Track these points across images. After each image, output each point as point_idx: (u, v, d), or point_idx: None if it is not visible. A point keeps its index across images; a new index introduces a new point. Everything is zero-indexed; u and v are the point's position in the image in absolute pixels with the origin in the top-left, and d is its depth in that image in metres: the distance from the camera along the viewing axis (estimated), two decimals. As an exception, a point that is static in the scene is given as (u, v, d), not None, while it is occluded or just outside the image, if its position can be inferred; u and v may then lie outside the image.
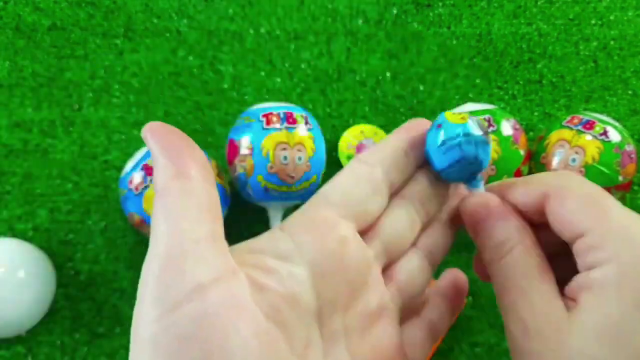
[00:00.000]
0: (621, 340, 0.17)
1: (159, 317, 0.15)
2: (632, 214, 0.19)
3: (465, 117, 0.21)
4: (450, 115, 0.22)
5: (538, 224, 0.22)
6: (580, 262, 0.19)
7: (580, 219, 0.19)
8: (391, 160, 0.22)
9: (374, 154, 0.22)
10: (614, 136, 0.47)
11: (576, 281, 0.19)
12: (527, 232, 0.21)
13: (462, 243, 0.43)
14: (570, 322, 0.18)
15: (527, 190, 0.21)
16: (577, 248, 0.19)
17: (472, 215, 0.22)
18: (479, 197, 0.22)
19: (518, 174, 0.47)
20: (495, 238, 0.21)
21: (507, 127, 0.47)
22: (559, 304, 0.19)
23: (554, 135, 0.49)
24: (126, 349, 0.50)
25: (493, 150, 0.46)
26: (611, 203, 0.19)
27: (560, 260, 0.21)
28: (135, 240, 0.52)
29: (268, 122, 0.47)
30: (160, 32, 0.58)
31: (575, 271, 0.20)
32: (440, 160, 0.22)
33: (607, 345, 0.17)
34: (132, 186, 0.45)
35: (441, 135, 0.21)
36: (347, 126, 0.56)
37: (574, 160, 0.47)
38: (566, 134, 0.48)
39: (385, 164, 0.22)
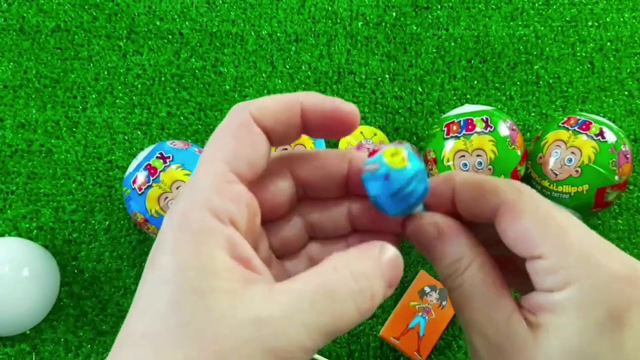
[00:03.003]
0: None
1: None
2: (590, 233, 0.19)
3: (404, 158, 0.20)
4: (390, 158, 0.20)
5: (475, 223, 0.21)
6: (538, 282, 0.19)
7: (537, 241, 0.19)
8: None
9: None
10: (610, 137, 0.47)
11: (536, 299, 0.19)
12: (479, 247, 0.21)
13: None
14: (534, 342, 0.18)
15: (478, 197, 0.20)
16: (534, 268, 0.19)
17: (422, 236, 0.21)
18: (427, 217, 0.21)
19: (515, 174, 0.48)
20: (449, 257, 0.20)
21: (504, 128, 0.48)
22: (520, 322, 0.19)
23: (551, 136, 0.49)
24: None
25: (490, 150, 0.47)
26: (568, 222, 0.19)
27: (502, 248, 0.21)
28: (138, 239, 0.53)
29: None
30: (163, 35, 0.59)
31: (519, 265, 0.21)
32: (392, 207, 0.20)
33: None
34: (136, 186, 0.46)
35: (391, 186, 0.20)
36: (347, 127, 0.56)
37: (570, 160, 0.47)
38: (563, 134, 0.49)
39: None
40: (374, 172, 0.20)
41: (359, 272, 0.18)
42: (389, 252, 0.19)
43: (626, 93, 0.59)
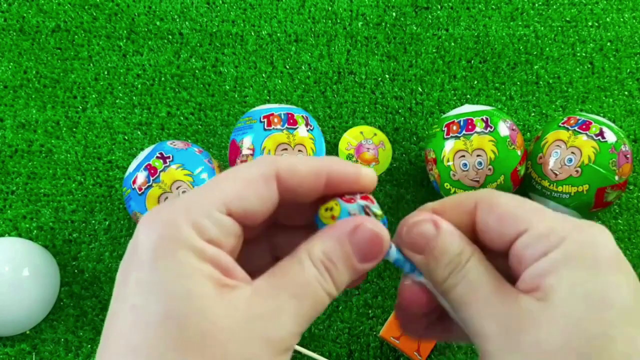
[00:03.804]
0: (604, 302, 0.18)
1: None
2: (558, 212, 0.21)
3: (333, 217, 0.21)
4: (323, 212, 0.21)
5: None
6: (530, 255, 0.19)
7: (521, 216, 0.20)
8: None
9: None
10: (610, 137, 0.47)
11: (533, 272, 0.19)
12: (474, 244, 0.21)
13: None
14: (548, 307, 0.18)
15: (457, 209, 0.22)
16: (523, 242, 0.20)
17: (420, 236, 0.21)
18: (422, 216, 0.22)
19: (515, 174, 0.48)
20: (450, 252, 0.21)
21: (504, 128, 0.48)
22: (528, 297, 0.19)
23: (551, 136, 0.49)
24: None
25: (490, 150, 0.47)
26: (539, 204, 0.20)
27: None
28: (138, 239, 0.53)
29: (269, 124, 0.48)
30: (163, 35, 0.59)
31: None
32: None
33: (592, 308, 0.18)
34: (136, 186, 0.46)
35: None
36: (346, 127, 0.57)
37: (570, 160, 0.47)
38: (563, 134, 0.49)
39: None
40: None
41: (318, 258, 0.20)
42: (362, 229, 0.20)
43: (626, 93, 0.59)
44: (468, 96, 0.58)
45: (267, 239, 0.24)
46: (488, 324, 0.19)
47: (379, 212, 0.21)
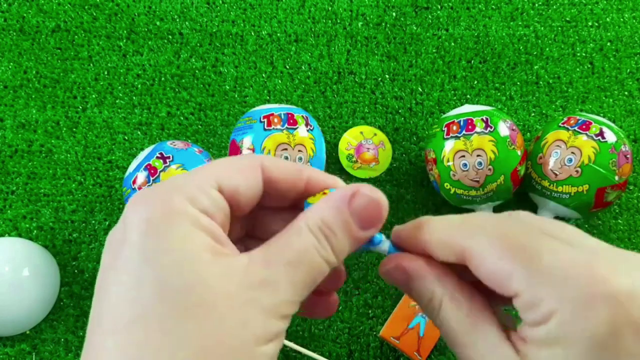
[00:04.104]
0: None
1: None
2: (562, 245, 0.18)
3: (327, 192, 0.21)
4: (313, 200, 0.21)
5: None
6: (523, 317, 0.18)
7: (507, 280, 0.18)
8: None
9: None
10: (610, 137, 0.47)
11: (525, 332, 0.18)
12: (449, 281, 0.21)
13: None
14: None
15: (444, 251, 0.21)
16: (516, 304, 0.18)
17: (393, 281, 0.22)
18: (393, 261, 0.22)
19: (515, 173, 0.48)
20: (423, 297, 0.21)
21: (504, 128, 0.48)
22: (506, 349, 0.19)
23: (551, 136, 0.49)
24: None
25: (490, 150, 0.47)
26: (537, 243, 0.18)
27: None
28: (138, 239, 0.53)
29: (269, 124, 0.48)
30: (163, 35, 0.59)
31: None
32: None
33: None
34: (136, 186, 0.46)
35: None
36: (346, 127, 0.57)
37: (570, 160, 0.47)
38: (563, 134, 0.49)
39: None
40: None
41: (316, 225, 0.19)
42: (361, 195, 0.20)
43: (626, 93, 0.59)
44: (468, 96, 0.58)
45: (244, 249, 0.24)
46: None
47: None
